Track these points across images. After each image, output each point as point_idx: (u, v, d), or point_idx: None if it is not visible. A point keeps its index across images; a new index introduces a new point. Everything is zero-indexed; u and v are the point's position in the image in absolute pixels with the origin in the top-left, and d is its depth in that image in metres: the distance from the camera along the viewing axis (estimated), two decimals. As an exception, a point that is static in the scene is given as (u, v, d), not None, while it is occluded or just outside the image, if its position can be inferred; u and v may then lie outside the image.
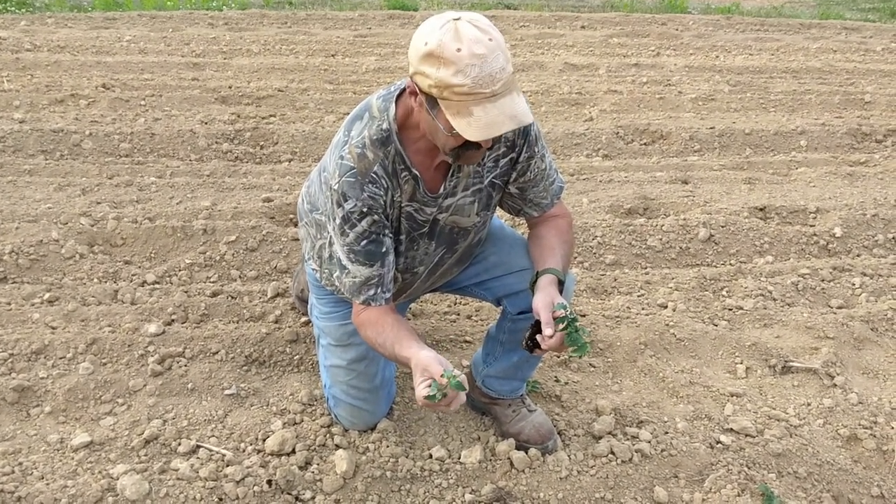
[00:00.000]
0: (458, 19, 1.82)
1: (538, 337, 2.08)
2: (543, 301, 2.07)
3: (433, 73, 1.82)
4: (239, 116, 5.13)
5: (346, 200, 2.07)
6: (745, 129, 5.34)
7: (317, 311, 2.55)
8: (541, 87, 6.14)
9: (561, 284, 2.18)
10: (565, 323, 2.01)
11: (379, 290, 2.15)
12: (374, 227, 2.10)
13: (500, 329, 2.49)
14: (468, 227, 2.31)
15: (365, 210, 2.07)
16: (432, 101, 1.89)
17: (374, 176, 2.07)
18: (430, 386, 1.90)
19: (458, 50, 1.78)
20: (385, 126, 2.06)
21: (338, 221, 2.11)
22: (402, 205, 2.15)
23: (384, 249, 2.13)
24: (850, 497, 2.48)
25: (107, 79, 5.67)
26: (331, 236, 2.19)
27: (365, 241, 2.10)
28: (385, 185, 2.09)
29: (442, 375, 1.88)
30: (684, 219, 3.98)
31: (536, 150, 2.22)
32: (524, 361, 2.50)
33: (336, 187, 2.08)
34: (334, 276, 2.22)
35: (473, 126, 1.84)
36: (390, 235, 2.16)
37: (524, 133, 2.17)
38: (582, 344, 2.01)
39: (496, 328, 2.53)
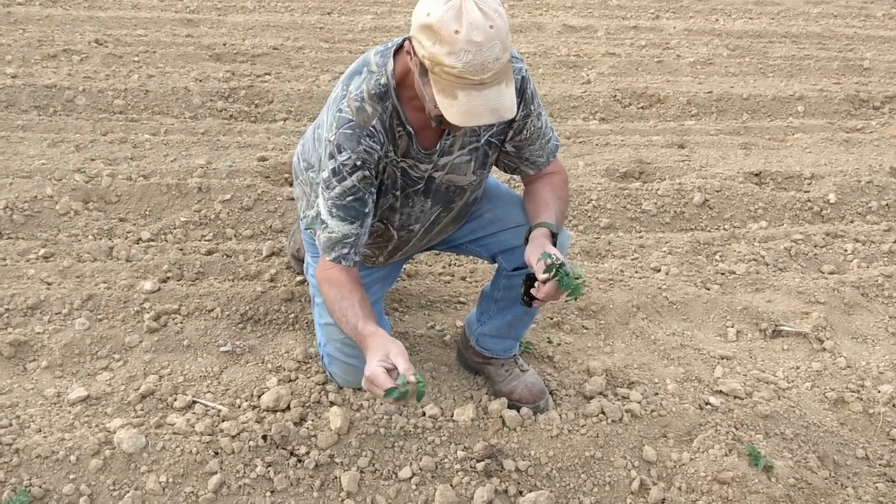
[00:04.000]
0: None
1: (532, 290, 2.10)
2: (534, 252, 2.10)
3: (428, 46, 1.82)
4: (234, 74, 5.08)
5: (340, 152, 2.07)
6: (743, 93, 5.32)
7: (312, 269, 2.56)
8: (538, 49, 6.09)
9: (554, 237, 2.20)
10: (553, 270, 2.03)
11: (351, 252, 2.16)
12: (362, 184, 2.10)
13: (495, 287, 2.51)
14: (464, 186, 2.31)
15: (358, 164, 2.07)
16: (424, 70, 1.89)
17: (371, 129, 2.07)
18: (389, 374, 1.91)
19: (456, 32, 1.77)
20: (383, 81, 2.06)
21: (326, 174, 2.11)
22: (397, 161, 2.15)
23: (367, 210, 2.14)
24: (835, 458, 2.53)
25: (100, 34, 5.59)
26: (322, 191, 2.19)
27: (350, 198, 2.11)
28: (381, 140, 2.09)
29: (416, 380, 1.90)
30: (679, 183, 3.99)
31: (532, 108, 2.22)
32: (518, 320, 2.52)
33: (332, 139, 2.08)
34: (320, 219, 2.21)
35: (455, 109, 1.86)
36: (374, 195, 2.16)
37: (520, 92, 2.16)
38: (574, 287, 2.04)
39: (491, 286, 2.55)
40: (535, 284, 2.10)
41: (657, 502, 2.32)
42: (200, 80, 4.91)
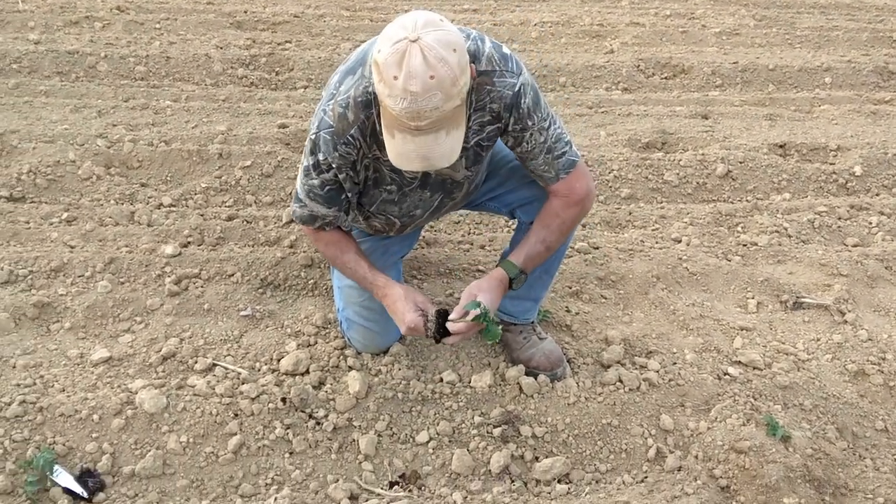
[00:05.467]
0: (415, 41, 1.77)
1: (448, 324, 2.24)
2: (468, 292, 2.25)
3: (375, 81, 1.84)
4: (254, 42, 5.07)
5: (318, 151, 2.11)
6: (769, 64, 5.23)
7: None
8: (561, 18, 6.02)
9: (511, 281, 2.30)
10: (481, 316, 2.20)
11: (332, 224, 2.27)
12: (338, 177, 2.15)
13: (515, 244, 2.50)
14: (460, 180, 2.32)
15: (334, 165, 2.12)
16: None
17: (349, 138, 2.08)
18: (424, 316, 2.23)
19: (395, 78, 1.77)
20: (371, 89, 2.03)
21: (307, 164, 2.16)
22: (382, 160, 2.15)
23: (343, 196, 2.20)
24: (854, 430, 2.52)
25: (121, 1, 5.60)
26: (300, 176, 2.23)
27: (328, 188, 2.17)
28: (358, 146, 2.11)
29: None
30: (702, 154, 3.94)
31: (531, 123, 2.14)
32: (537, 279, 2.52)
33: (313, 136, 2.12)
34: (299, 198, 2.27)
35: (391, 147, 1.91)
36: (353, 180, 2.19)
37: (512, 106, 2.11)
38: (495, 333, 2.24)
39: (511, 245, 2.55)
40: (448, 319, 2.24)
41: (673, 470, 2.33)
42: (221, 48, 4.90)
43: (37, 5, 5.36)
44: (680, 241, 3.35)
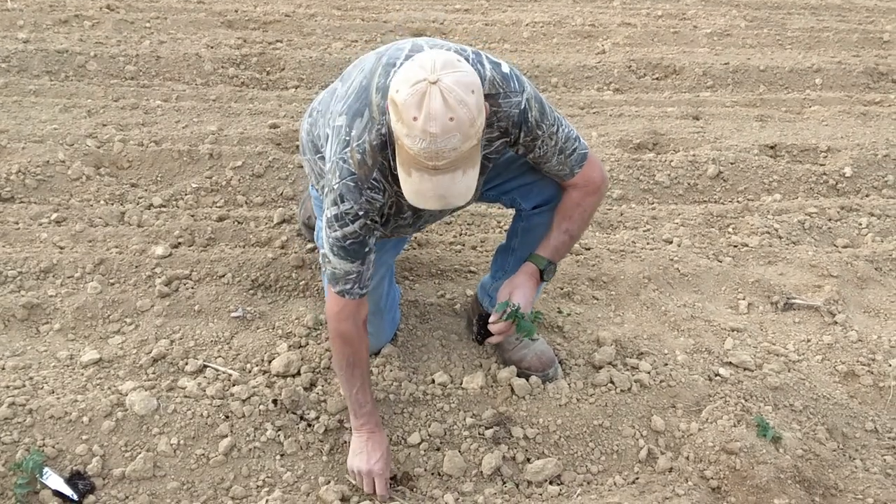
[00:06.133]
0: (434, 82, 1.77)
1: (489, 326, 2.29)
2: (501, 292, 2.29)
3: (393, 121, 1.84)
4: (245, 41, 5.05)
5: (343, 202, 2.08)
6: (760, 65, 5.25)
7: (323, 236, 2.56)
8: (553, 19, 6.02)
9: (542, 273, 2.32)
10: (512, 317, 2.23)
11: (356, 287, 2.20)
12: (363, 230, 2.12)
13: (513, 234, 2.51)
14: None
15: (360, 214, 2.09)
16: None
17: (373, 182, 2.07)
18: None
19: (415, 119, 1.77)
20: (384, 131, 2.03)
21: (330, 215, 2.12)
22: (400, 194, 2.12)
23: (367, 249, 2.17)
24: (844, 430, 2.53)
25: (111, 0, 5.57)
26: (325, 231, 2.19)
27: (350, 241, 2.13)
28: (383, 188, 2.10)
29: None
30: (693, 155, 3.95)
31: (540, 132, 2.16)
32: None
33: (336, 187, 2.09)
34: (323, 253, 2.23)
35: (407, 186, 1.90)
36: (376, 235, 2.19)
37: (521, 123, 2.12)
38: (529, 329, 2.25)
39: (508, 237, 2.57)
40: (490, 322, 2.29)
41: (665, 471, 2.33)
42: (212, 47, 4.88)
43: (26, 4, 5.33)
44: (671, 242, 3.36)
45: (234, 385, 2.43)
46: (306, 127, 2.49)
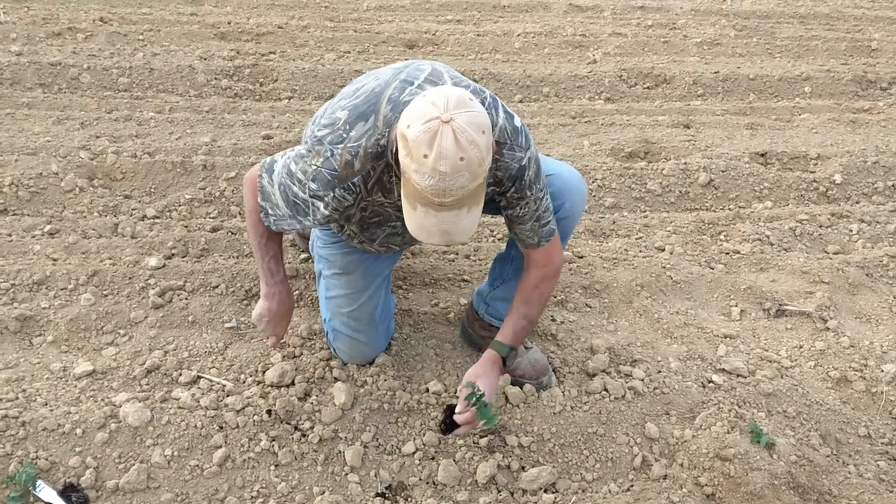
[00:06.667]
0: (447, 121, 1.77)
1: (454, 416, 2.27)
2: (466, 379, 2.27)
3: (402, 155, 1.84)
4: (238, 53, 5.07)
5: (313, 181, 2.10)
6: (750, 74, 5.29)
7: (320, 241, 2.57)
8: (544, 29, 6.06)
9: (504, 360, 2.34)
10: (473, 399, 2.21)
11: (277, 223, 2.26)
12: (317, 212, 2.13)
13: (513, 243, 2.52)
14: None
15: (323, 201, 2.11)
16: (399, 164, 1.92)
17: (350, 185, 2.08)
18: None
19: (425, 156, 1.78)
20: (383, 142, 2.04)
21: (297, 170, 2.12)
22: (392, 202, 2.15)
23: (299, 219, 2.19)
24: (837, 436, 2.54)
25: (104, 12, 5.58)
26: (285, 167, 2.19)
27: (301, 206, 2.16)
28: (357, 192, 2.10)
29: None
30: (685, 163, 3.97)
31: (529, 193, 2.18)
32: None
33: (314, 167, 2.09)
34: (266, 185, 2.24)
35: (412, 219, 1.91)
36: (335, 222, 2.24)
37: (516, 179, 2.14)
38: (490, 417, 2.20)
39: (507, 246, 2.59)
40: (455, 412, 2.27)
41: (659, 478, 2.33)
42: (205, 59, 4.90)
43: (19, 17, 5.34)
44: (663, 250, 3.37)
45: (228, 396, 2.42)
46: (307, 133, 2.50)
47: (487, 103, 2.09)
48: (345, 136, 2.08)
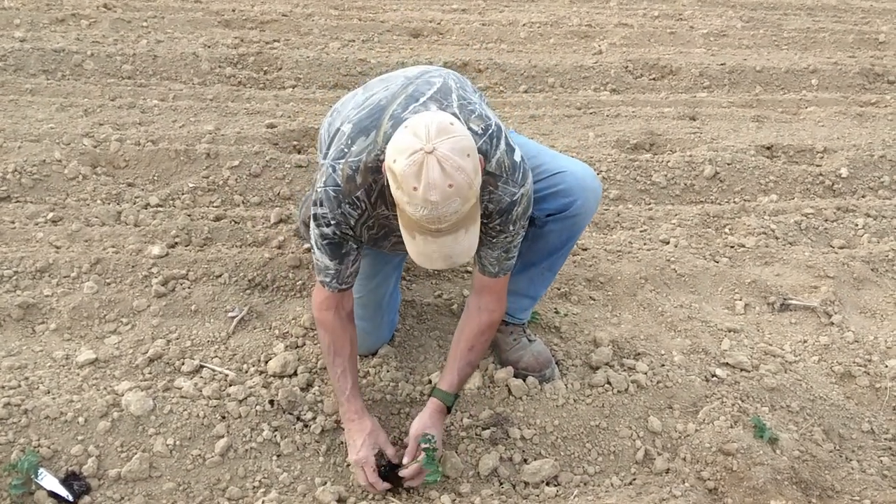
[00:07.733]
0: (430, 152, 1.78)
1: (399, 471, 2.25)
2: (415, 430, 2.26)
3: (393, 188, 1.86)
4: (242, 41, 5.05)
5: (321, 206, 2.13)
6: (757, 66, 5.26)
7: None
8: (550, 19, 6.02)
9: (449, 408, 2.32)
10: (426, 451, 2.20)
11: (335, 281, 2.24)
12: (336, 236, 2.16)
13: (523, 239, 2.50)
14: None
15: (333, 222, 2.13)
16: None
17: (354, 199, 2.10)
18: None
19: (415, 189, 1.79)
20: (382, 157, 2.03)
21: (312, 213, 2.18)
22: (391, 216, 2.14)
23: (344, 251, 2.20)
24: (840, 431, 2.53)
25: (108, -2, 5.57)
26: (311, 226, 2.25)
27: (328, 241, 2.17)
28: (363, 207, 2.12)
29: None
30: (690, 155, 3.95)
31: (512, 227, 2.18)
32: (539, 275, 2.53)
33: (319, 191, 2.14)
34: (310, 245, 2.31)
35: (412, 248, 1.93)
36: (355, 243, 2.22)
37: (505, 212, 2.13)
38: (435, 469, 2.19)
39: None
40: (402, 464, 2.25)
41: (661, 472, 2.33)
42: (209, 47, 4.88)
43: (22, 2, 5.31)
44: (668, 243, 3.36)
45: (230, 385, 2.42)
46: (326, 126, 2.49)
47: (491, 132, 2.08)
48: (346, 150, 2.10)
